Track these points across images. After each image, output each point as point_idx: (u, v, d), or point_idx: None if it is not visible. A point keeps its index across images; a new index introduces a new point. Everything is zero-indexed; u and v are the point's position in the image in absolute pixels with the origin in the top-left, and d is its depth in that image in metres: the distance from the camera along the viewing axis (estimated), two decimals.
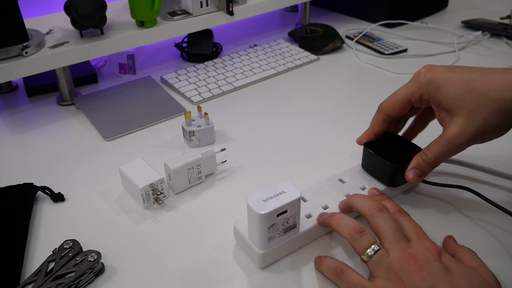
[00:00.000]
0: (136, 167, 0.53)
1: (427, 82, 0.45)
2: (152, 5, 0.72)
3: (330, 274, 0.41)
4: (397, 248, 0.39)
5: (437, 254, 0.38)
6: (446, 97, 0.43)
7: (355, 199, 0.44)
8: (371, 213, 0.42)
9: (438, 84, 0.44)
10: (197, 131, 0.61)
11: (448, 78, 0.44)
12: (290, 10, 1.15)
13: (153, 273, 0.44)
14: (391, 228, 0.40)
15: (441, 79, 0.44)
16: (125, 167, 0.53)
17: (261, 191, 0.42)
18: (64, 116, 0.72)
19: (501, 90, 0.41)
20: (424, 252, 0.38)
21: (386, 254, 0.39)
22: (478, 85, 0.42)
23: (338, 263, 0.41)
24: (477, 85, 0.42)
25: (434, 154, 0.45)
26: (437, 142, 0.45)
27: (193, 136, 0.61)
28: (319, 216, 0.46)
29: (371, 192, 0.49)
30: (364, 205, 0.43)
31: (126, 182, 0.53)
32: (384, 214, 0.41)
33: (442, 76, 0.44)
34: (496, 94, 0.41)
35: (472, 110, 0.42)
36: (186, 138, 0.62)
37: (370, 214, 0.42)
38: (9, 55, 0.65)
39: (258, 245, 0.43)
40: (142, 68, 0.87)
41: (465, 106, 0.42)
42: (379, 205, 0.42)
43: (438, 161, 0.45)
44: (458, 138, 0.43)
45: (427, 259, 0.38)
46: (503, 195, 0.53)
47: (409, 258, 0.38)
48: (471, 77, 0.43)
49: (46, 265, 0.44)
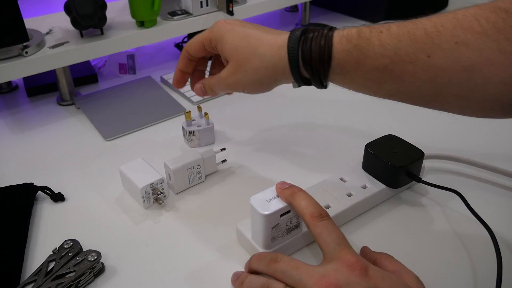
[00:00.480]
0: (136, 167, 0.53)
1: (216, 31, 0.49)
2: (152, 5, 0.72)
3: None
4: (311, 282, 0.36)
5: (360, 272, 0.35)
6: (225, 45, 0.48)
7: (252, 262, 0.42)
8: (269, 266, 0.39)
9: (222, 33, 0.49)
10: (197, 131, 0.61)
11: (231, 29, 0.48)
12: (290, 10, 1.15)
13: (153, 273, 0.44)
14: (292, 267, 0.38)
15: (225, 29, 0.48)
16: (125, 167, 0.53)
17: (264, 191, 0.42)
18: (64, 116, 0.72)
19: (265, 47, 0.46)
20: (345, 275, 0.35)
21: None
22: (251, 41, 0.47)
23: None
24: (250, 40, 0.47)
25: (209, 84, 0.53)
26: (215, 76, 0.51)
27: (193, 136, 0.61)
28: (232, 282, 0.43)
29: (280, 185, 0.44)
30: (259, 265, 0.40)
31: (126, 182, 0.53)
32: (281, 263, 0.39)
33: (228, 27, 0.49)
34: (261, 50, 0.46)
35: (239, 60, 0.47)
36: (186, 138, 0.62)
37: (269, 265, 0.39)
38: (9, 55, 0.65)
39: (261, 245, 0.43)
40: (142, 68, 0.87)
41: (236, 56, 0.48)
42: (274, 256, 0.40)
43: (212, 91, 0.53)
44: (225, 80, 0.50)
45: (348, 283, 0.35)
46: (504, 195, 0.53)
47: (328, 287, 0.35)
48: (250, 32, 0.48)
49: (46, 265, 0.44)
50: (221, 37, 0.48)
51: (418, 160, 0.50)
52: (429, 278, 0.41)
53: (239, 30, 0.48)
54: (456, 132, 0.64)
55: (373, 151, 0.51)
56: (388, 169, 0.50)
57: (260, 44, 0.46)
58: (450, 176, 0.56)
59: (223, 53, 0.49)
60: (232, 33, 0.48)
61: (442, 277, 0.43)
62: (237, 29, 0.48)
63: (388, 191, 0.51)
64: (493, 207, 0.51)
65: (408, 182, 0.52)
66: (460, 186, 0.52)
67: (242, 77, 0.48)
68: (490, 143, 0.62)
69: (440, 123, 0.66)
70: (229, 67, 0.49)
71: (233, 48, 0.48)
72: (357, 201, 0.49)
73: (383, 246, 0.44)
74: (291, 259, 0.38)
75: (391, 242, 0.47)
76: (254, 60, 0.47)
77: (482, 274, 0.43)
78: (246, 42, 0.47)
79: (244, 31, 0.48)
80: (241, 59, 0.47)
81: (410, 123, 0.66)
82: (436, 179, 0.55)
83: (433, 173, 0.56)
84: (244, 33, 0.48)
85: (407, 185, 0.53)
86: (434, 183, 0.51)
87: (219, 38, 0.49)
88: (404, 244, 0.47)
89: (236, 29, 0.48)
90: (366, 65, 0.41)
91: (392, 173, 0.50)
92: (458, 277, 0.43)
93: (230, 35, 0.48)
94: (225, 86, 0.51)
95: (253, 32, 0.47)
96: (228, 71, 0.49)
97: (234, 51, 0.48)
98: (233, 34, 0.48)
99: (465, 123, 0.66)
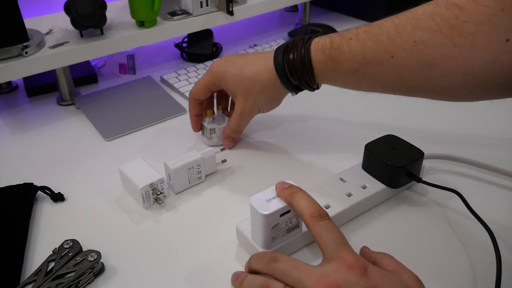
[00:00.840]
0: (136, 167, 0.53)
1: (215, 73, 0.57)
2: (152, 5, 0.72)
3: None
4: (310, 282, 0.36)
5: (359, 272, 0.35)
6: (228, 84, 0.56)
7: (252, 262, 0.42)
8: (269, 266, 0.39)
9: (221, 75, 0.56)
10: (217, 129, 0.61)
11: (228, 68, 0.56)
12: (290, 10, 1.15)
13: (153, 273, 0.44)
14: (291, 266, 0.37)
15: (223, 71, 0.56)
16: (125, 167, 0.53)
17: (264, 191, 0.42)
18: (64, 116, 0.72)
19: (261, 73, 0.54)
20: (344, 275, 0.35)
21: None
22: (248, 72, 0.54)
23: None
24: (247, 72, 0.54)
25: (232, 125, 0.60)
26: (233, 116, 0.59)
27: (213, 134, 0.62)
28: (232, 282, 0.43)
29: (279, 185, 0.43)
30: (258, 265, 0.40)
31: (126, 182, 0.53)
32: (281, 262, 0.38)
33: (224, 67, 0.56)
34: (259, 77, 0.54)
35: (246, 91, 0.55)
36: (205, 135, 0.62)
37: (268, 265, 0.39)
38: (9, 55, 0.65)
39: (261, 245, 0.43)
40: (142, 68, 0.87)
41: (241, 89, 0.55)
42: (273, 256, 0.39)
43: (238, 129, 0.60)
44: (242, 112, 0.57)
45: (347, 283, 0.35)
46: (504, 195, 0.53)
47: None
48: (243, 64, 0.55)
49: (46, 265, 0.44)
50: (222, 78, 0.56)
51: (418, 160, 0.50)
52: (429, 278, 0.41)
53: (234, 67, 0.56)
54: (456, 132, 0.64)
55: (373, 151, 0.51)
56: (388, 169, 0.50)
57: (256, 72, 0.54)
58: (450, 176, 0.56)
59: (229, 90, 0.57)
60: (230, 72, 0.56)
61: (441, 276, 0.43)
62: (232, 67, 0.56)
63: (388, 191, 0.51)
64: (492, 207, 0.51)
65: (408, 182, 0.52)
66: (460, 186, 0.52)
67: (254, 102, 0.56)
68: (490, 143, 0.62)
69: (440, 123, 0.66)
70: (240, 100, 0.57)
71: (235, 84, 0.56)
72: (357, 201, 0.49)
73: (383, 246, 0.44)
74: (290, 258, 0.38)
75: (391, 242, 0.47)
76: (256, 86, 0.55)
77: (481, 273, 0.43)
78: (243, 74, 0.55)
79: (238, 66, 0.55)
80: (246, 89, 0.55)
81: (410, 123, 0.67)
82: (436, 179, 0.55)
83: (433, 173, 0.56)
84: (239, 68, 0.55)
85: (407, 185, 0.53)
86: (434, 183, 0.51)
87: (221, 79, 0.57)
88: (404, 244, 0.47)
89: (231, 68, 0.56)
90: (341, 70, 0.48)
91: (392, 173, 0.50)
92: (458, 276, 0.43)
93: (229, 73, 0.56)
94: (246, 117, 0.59)
95: (245, 63, 0.55)
96: (241, 103, 0.57)
97: (238, 86, 0.56)
98: (231, 72, 0.56)
99: (465, 123, 0.66)
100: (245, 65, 0.55)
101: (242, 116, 0.58)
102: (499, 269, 0.40)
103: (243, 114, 0.58)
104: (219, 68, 0.57)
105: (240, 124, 0.59)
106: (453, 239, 0.47)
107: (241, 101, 0.56)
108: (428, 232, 0.48)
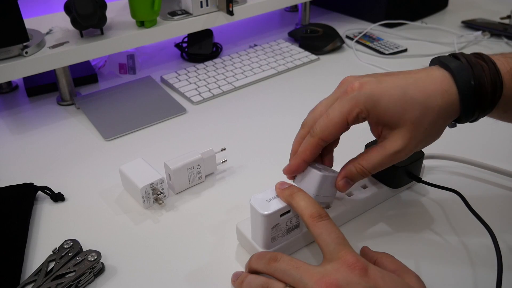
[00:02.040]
0: (136, 167, 0.53)
1: (365, 98, 0.40)
2: (152, 5, 0.72)
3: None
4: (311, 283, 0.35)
5: (359, 272, 0.35)
6: (387, 111, 0.40)
7: (252, 261, 0.41)
8: (269, 265, 0.39)
9: (376, 98, 0.40)
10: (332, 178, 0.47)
11: (384, 90, 0.40)
12: (290, 10, 1.15)
13: (153, 273, 0.44)
14: (292, 266, 0.37)
15: (378, 93, 0.40)
16: (125, 167, 0.53)
17: (264, 192, 0.42)
18: (64, 116, 0.72)
19: (436, 97, 0.40)
20: (344, 275, 0.35)
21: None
22: (416, 95, 0.40)
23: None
24: (415, 95, 0.40)
25: (373, 165, 0.42)
26: (378, 153, 0.42)
27: None
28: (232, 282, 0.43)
29: (279, 185, 0.42)
30: (258, 265, 0.40)
31: (126, 182, 0.53)
32: (281, 262, 0.38)
33: (377, 89, 0.40)
34: (433, 102, 0.40)
35: (415, 121, 0.40)
36: None
37: (269, 264, 0.39)
38: (9, 55, 0.65)
39: (261, 245, 0.43)
40: (142, 68, 0.87)
41: (408, 118, 0.40)
42: (274, 255, 0.39)
43: (374, 171, 0.43)
44: (402, 151, 0.41)
45: (348, 283, 0.35)
46: (504, 195, 0.53)
47: None
48: (406, 85, 0.40)
49: (46, 265, 0.44)
50: (378, 104, 0.40)
51: (418, 160, 0.50)
52: (430, 278, 0.41)
53: (393, 88, 0.40)
54: (456, 132, 0.64)
55: None
56: (388, 169, 0.49)
57: (428, 96, 0.40)
58: (450, 176, 0.56)
59: (384, 120, 0.41)
60: (388, 95, 0.40)
61: (442, 276, 0.43)
62: (388, 88, 0.40)
63: (388, 191, 0.51)
64: (493, 207, 0.51)
65: (408, 182, 0.52)
66: (460, 186, 0.52)
67: (424, 135, 0.41)
68: (490, 143, 0.62)
69: None
70: (403, 133, 0.40)
71: (400, 112, 0.40)
72: (357, 201, 0.49)
73: (384, 246, 0.44)
74: (291, 258, 0.38)
75: (392, 242, 0.47)
76: (429, 114, 0.40)
77: (482, 274, 0.43)
78: (410, 98, 0.40)
79: (397, 87, 0.40)
80: (416, 119, 0.40)
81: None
82: (436, 179, 0.55)
83: (433, 173, 0.56)
84: (401, 88, 0.40)
85: (407, 185, 0.53)
86: (434, 183, 0.51)
87: (374, 106, 0.40)
88: (405, 244, 0.47)
89: (388, 88, 0.40)
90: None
91: (392, 173, 0.50)
92: (459, 276, 0.43)
93: (387, 98, 0.40)
94: (401, 157, 0.42)
95: (408, 84, 0.40)
96: (404, 138, 0.40)
97: (403, 114, 0.40)
98: (391, 96, 0.40)
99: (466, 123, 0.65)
100: (407, 86, 0.40)
101: (397, 155, 0.41)
102: (500, 269, 0.40)
103: (400, 153, 0.41)
104: (370, 89, 0.40)
105: (385, 164, 0.42)
106: (453, 239, 0.47)
107: (405, 135, 0.40)
108: (429, 232, 0.48)
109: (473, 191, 0.52)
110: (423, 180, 0.51)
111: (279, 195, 0.42)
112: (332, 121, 0.41)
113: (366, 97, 0.40)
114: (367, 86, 0.40)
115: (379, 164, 0.42)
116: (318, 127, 0.42)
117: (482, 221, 0.45)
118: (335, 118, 0.41)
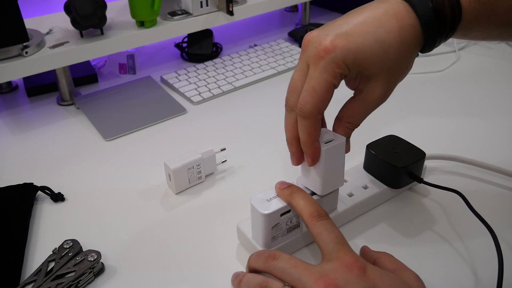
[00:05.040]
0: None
1: (342, 57, 0.37)
2: (152, 5, 0.72)
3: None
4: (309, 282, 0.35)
5: (358, 272, 0.35)
6: (365, 63, 0.38)
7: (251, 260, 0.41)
8: (267, 263, 0.39)
9: (353, 54, 0.37)
10: None
11: (358, 43, 0.37)
12: (290, 10, 1.15)
13: (153, 273, 0.44)
14: (291, 265, 0.37)
15: (353, 48, 0.37)
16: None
17: (264, 191, 0.42)
18: (64, 116, 0.72)
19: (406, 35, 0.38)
20: (343, 274, 0.35)
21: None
22: (387, 38, 0.38)
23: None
24: (386, 38, 0.38)
25: (360, 118, 0.42)
26: (361, 107, 0.41)
27: None
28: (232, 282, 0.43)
29: (279, 185, 0.43)
30: (257, 263, 0.40)
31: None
32: (280, 260, 0.38)
33: (351, 44, 0.37)
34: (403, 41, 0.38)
35: (391, 67, 0.39)
36: None
37: (267, 262, 0.39)
38: (9, 55, 0.65)
39: (262, 245, 0.43)
40: (142, 68, 0.87)
41: (385, 65, 0.38)
42: (272, 253, 0.39)
43: (360, 122, 0.43)
44: (383, 98, 0.40)
45: (346, 282, 0.35)
46: (505, 195, 0.53)
47: None
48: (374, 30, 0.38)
49: (46, 265, 0.44)
50: (357, 58, 0.38)
51: (419, 161, 0.50)
52: (430, 278, 0.41)
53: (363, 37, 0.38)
54: (457, 133, 0.64)
55: (374, 152, 0.51)
56: (389, 169, 0.50)
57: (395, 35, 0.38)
58: (452, 177, 0.56)
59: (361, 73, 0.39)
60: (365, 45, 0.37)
61: (443, 276, 0.43)
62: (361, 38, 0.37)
63: (389, 191, 0.51)
64: (494, 207, 0.51)
65: (410, 183, 0.52)
66: (462, 186, 0.52)
67: (398, 79, 0.40)
68: (491, 143, 0.62)
69: (441, 123, 0.66)
70: (380, 82, 0.39)
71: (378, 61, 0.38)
72: (358, 201, 0.49)
73: (384, 247, 0.44)
74: (290, 257, 0.38)
75: (392, 242, 0.47)
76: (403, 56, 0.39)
77: (483, 274, 0.43)
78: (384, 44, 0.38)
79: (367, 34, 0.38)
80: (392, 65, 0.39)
81: (412, 123, 0.66)
82: (437, 179, 0.54)
83: (434, 173, 0.56)
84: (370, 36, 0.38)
85: (408, 186, 0.53)
86: (436, 184, 0.50)
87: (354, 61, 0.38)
88: (405, 244, 0.47)
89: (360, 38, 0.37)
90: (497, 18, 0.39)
91: (393, 174, 0.50)
92: (460, 276, 0.43)
93: (365, 48, 0.37)
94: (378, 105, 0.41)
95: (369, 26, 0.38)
96: (382, 87, 0.39)
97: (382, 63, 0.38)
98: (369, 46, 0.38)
99: (466, 123, 0.65)
100: (377, 30, 0.38)
101: (379, 102, 0.41)
102: (501, 269, 0.40)
103: (382, 99, 0.41)
104: (345, 48, 0.37)
105: (368, 114, 0.42)
106: (454, 239, 0.47)
107: (384, 82, 0.39)
108: (430, 232, 0.48)
109: (474, 191, 0.52)
110: (425, 180, 0.51)
111: (278, 194, 0.42)
112: (320, 93, 0.39)
113: (344, 55, 0.37)
114: (340, 44, 0.37)
115: (365, 116, 0.42)
116: (309, 105, 0.40)
117: (483, 221, 0.45)
118: (322, 89, 0.38)
